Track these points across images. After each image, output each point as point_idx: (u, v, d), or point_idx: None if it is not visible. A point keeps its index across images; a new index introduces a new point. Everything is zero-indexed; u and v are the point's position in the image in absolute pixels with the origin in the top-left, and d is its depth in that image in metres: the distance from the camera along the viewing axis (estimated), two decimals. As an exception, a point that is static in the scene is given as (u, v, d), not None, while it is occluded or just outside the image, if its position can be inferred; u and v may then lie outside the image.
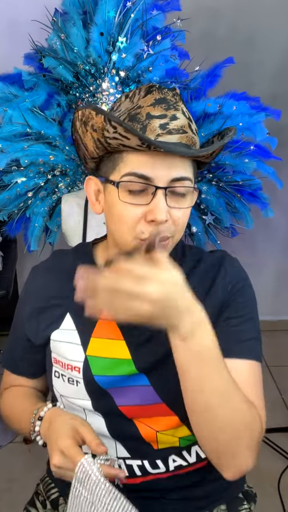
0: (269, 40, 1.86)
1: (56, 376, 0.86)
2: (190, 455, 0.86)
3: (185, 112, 0.73)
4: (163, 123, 0.70)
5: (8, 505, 1.56)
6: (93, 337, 0.83)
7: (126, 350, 0.81)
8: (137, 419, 0.83)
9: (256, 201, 1.48)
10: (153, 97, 0.72)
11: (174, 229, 0.74)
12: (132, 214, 0.72)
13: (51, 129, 1.38)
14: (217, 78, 1.39)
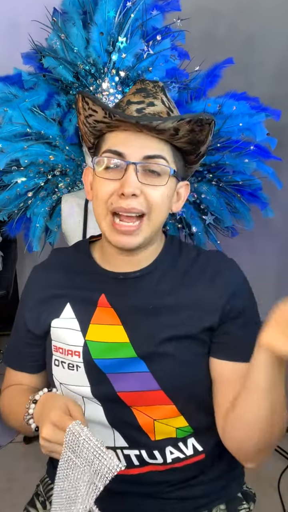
0: (269, 40, 1.86)
1: (56, 365, 0.88)
2: (186, 447, 0.87)
3: (164, 102, 0.79)
4: (139, 108, 0.77)
5: (8, 505, 1.56)
6: (92, 323, 0.85)
7: (124, 334, 0.83)
8: (135, 407, 0.84)
9: (256, 201, 1.48)
10: (135, 87, 0.80)
11: (147, 205, 0.77)
12: (106, 188, 0.77)
13: (51, 129, 1.38)
14: (217, 78, 1.39)
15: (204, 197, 1.47)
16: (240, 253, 2.30)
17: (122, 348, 0.83)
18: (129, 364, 0.82)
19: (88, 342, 0.84)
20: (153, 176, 0.77)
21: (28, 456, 1.71)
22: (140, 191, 0.76)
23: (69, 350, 0.86)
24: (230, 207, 1.49)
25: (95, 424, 0.86)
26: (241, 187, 1.45)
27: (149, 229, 0.79)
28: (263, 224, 1.73)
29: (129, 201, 0.75)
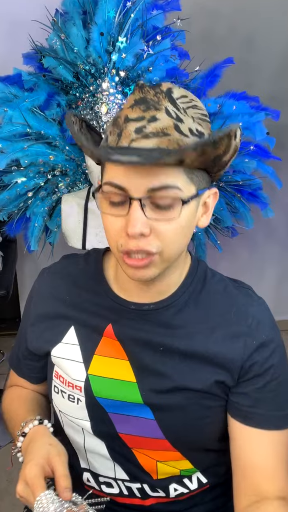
0: (269, 40, 1.86)
1: (56, 392, 0.83)
2: (191, 482, 0.83)
3: (170, 112, 0.64)
4: (139, 127, 0.63)
5: (8, 505, 1.56)
6: (96, 354, 0.79)
7: (130, 371, 0.77)
8: (137, 449, 0.79)
9: (256, 201, 1.48)
10: (134, 97, 0.66)
11: (159, 244, 0.65)
12: (113, 226, 0.67)
13: (51, 129, 1.38)
14: (217, 78, 1.39)
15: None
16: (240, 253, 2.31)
17: (127, 388, 0.76)
18: (134, 408, 0.76)
19: (90, 377, 0.78)
20: (163, 208, 0.64)
21: (28, 456, 1.71)
22: (150, 229, 0.64)
23: (70, 382, 0.80)
24: (230, 207, 1.49)
25: (94, 454, 0.82)
26: (241, 187, 1.45)
27: (162, 263, 0.69)
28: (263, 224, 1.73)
29: (137, 242, 0.64)
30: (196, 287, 0.78)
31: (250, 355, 0.74)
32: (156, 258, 0.67)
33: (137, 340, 0.76)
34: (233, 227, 1.55)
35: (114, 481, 0.83)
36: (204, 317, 0.76)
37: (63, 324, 0.81)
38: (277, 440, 0.74)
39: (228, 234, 1.56)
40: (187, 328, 0.76)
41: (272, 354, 0.75)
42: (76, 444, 0.84)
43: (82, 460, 0.85)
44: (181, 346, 0.75)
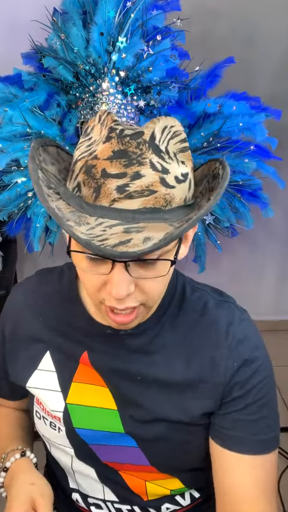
0: (269, 40, 1.86)
1: (38, 417, 0.81)
2: (184, 499, 0.81)
3: (155, 164, 0.56)
4: (121, 185, 0.55)
5: (8, 505, 1.55)
6: (74, 381, 0.76)
7: (110, 398, 0.74)
8: (124, 471, 0.77)
9: (256, 201, 1.48)
10: (111, 147, 0.56)
11: (143, 298, 0.62)
12: (93, 283, 0.61)
13: (51, 129, 1.38)
14: (217, 78, 1.38)
15: (204, 197, 1.46)
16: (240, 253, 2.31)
17: (108, 417, 0.73)
18: (116, 438, 0.74)
19: (69, 406, 0.75)
20: (148, 266, 0.59)
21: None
22: (135, 285, 0.59)
23: (49, 412, 0.77)
24: (230, 207, 1.49)
25: (83, 476, 0.80)
26: (241, 187, 1.45)
27: (146, 311, 0.66)
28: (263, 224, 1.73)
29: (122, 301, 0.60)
30: (174, 308, 0.74)
31: (231, 377, 0.70)
32: (141, 309, 0.64)
33: (114, 369, 0.73)
34: (233, 227, 1.55)
35: (103, 503, 0.80)
36: (182, 340, 0.73)
37: (39, 348, 0.78)
38: (257, 465, 0.70)
39: (228, 234, 1.56)
40: (164, 354, 0.72)
41: (254, 375, 0.71)
42: (64, 465, 0.82)
43: (71, 480, 0.83)
44: (160, 375, 0.72)
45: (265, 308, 2.53)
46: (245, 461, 0.69)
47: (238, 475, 0.69)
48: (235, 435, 0.70)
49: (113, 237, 0.52)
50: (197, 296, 0.76)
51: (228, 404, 0.71)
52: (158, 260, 0.59)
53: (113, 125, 0.57)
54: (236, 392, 0.70)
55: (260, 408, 0.71)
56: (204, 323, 0.73)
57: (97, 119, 0.61)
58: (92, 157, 0.57)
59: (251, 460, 0.70)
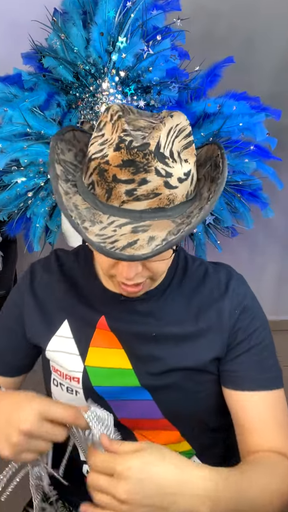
0: (269, 40, 1.86)
1: (55, 384, 0.84)
2: None
3: (160, 171, 0.64)
4: (129, 189, 0.63)
5: (9, 506, 1.55)
6: (92, 346, 0.81)
7: (126, 359, 0.80)
8: (138, 431, 0.82)
9: (256, 201, 1.48)
10: (121, 157, 0.63)
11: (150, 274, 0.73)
12: (105, 262, 0.71)
13: (51, 129, 1.38)
14: (217, 78, 1.38)
15: (204, 197, 1.46)
16: (240, 253, 2.31)
17: (124, 375, 0.79)
18: (132, 392, 0.80)
19: (88, 368, 0.80)
20: None
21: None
22: (142, 265, 0.70)
23: (67, 375, 0.82)
24: (230, 207, 1.49)
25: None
26: (241, 187, 1.45)
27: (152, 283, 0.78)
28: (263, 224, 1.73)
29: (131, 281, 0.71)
30: (179, 276, 0.85)
31: (234, 323, 0.80)
32: (147, 281, 0.75)
33: (130, 331, 0.81)
34: (233, 227, 1.55)
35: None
36: (189, 302, 0.82)
37: (58, 317, 0.84)
38: (269, 400, 0.78)
39: (228, 234, 1.56)
40: (175, 315, 0.81)
41: (253, 320, 0.81)
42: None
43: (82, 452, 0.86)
44: (173, 331, 0.80)
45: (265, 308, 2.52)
46: (258, 397, 0.77)
47: (255, 411, 0.77)
48: (244, 375, 0.79)
49: (122, 238, 0.61)
50: (197, 264, 0.87)
51: (234, 349, 0.80)
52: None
53: (122, 136, 0.64)
54: (240, 337, 0.80)
55: (262, 350, 0.80)
56: (207, 283, 0.84)
57: (109, 117, 0.68)
58: (104, 161, 0.65)
59: (264, 396, 0.78)
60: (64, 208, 0.63)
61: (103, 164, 0.65)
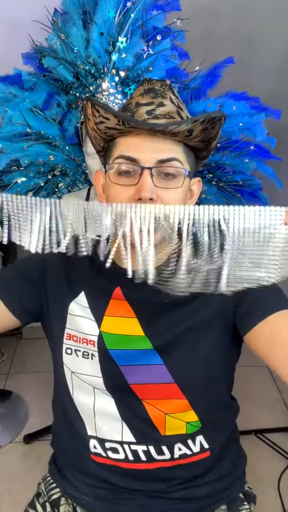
0: (269, 40, 1.86)
1: (68, 353, 0.87)
2: (194, 444, 0.88)
3: (173, 101, 0.77)
4: (149, 109, 0.75)
5: (9, 506, 1.56)
6: (106, 315, 0.85)
7: (139, 327, 0.83)
8: (147, 400, 0.84)
9: (256, 201, 1.48)
10: (143, 88, 0.78)
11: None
12: (122, 195, 0.75)
13: (51, 129, 1.38)
14: (217, 78, 1.39)
15: (204, 197, 1.46)
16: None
17: (137, 341, 0.83)
18: (144, 356, 0.83)
19: (103, 333, 0.85)
20: (168, 179, 0.75)
21: (28, 456, 1.71)
22: (156, 195, 0.74)
23: (84, 339, 0.86)
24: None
25: (103, 416, 0.86)
26: (241, 187, 1.45)
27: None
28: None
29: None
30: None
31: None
32: None
33: (144, 299, 0.83)
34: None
35: (120, 446, 0.87)
36: None
37: (75, 286, 0.88)
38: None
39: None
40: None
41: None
42: (85, 408, 0.89)
43: (89, 427, 0.90)
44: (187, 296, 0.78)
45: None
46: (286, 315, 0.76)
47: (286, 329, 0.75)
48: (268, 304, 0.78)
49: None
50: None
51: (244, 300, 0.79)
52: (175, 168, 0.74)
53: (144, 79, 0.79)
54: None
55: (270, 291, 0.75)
56: None
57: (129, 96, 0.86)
58: (129, 99, 0.79)
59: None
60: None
61: (127, 102, 0.79)
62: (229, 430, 0.95)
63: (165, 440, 0.86)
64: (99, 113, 0.74)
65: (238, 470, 0.96)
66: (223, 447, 0.91)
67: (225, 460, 0.92)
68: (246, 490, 0.97)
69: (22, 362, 2.42)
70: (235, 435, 1.00)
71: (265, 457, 1.74)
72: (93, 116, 0.76)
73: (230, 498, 0.93)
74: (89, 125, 0.79)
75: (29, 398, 2.11)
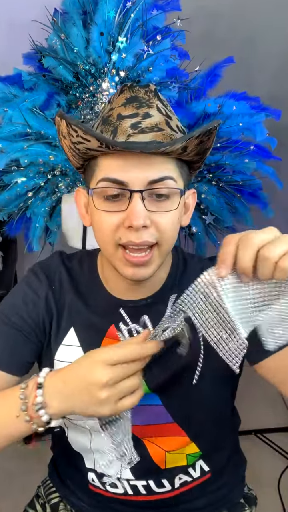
0: (269, 40, 1.86)
1: None
2: (195, 470, 0.86)
3: (160, 109, 0.67)
4: (134, 122, 0.65)
5: (8, 506, 1.56)
6: None
7: None
8: (147, 438, 0.80)
9: (256, 201, 1.48)
10: (124, 96, 0.68)
11: (158, 235, 0.68)
12: (109, 222, 0.67)
13: (51, 129, 1.38)
14: (217, 78, 1.38)
15: (204, 197, 1.46)
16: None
17: None
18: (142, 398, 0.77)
19: None
20: (161, 200, 0.67)
21: (28, 457, 1.71)
22: (150, 220, 0.66)
23: None
24: (230, 207, 1.49)
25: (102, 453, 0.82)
26: (241, 187, 1.45)
27: (160, 257, 0.71)
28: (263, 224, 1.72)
29: (139, 234, 0.65)
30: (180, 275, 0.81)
31: None
32: (155, 253, 0.69)
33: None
34: (233, 227, 1.55)
35: (118, 481, 0.84)
36: None
37: (64, 324, 0.80)
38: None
39: (228, 234, 1.56)
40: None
41: None
42: (82, 447, 0.84)
43: (87, 460, 0.86)
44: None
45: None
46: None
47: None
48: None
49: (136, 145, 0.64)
50: (196, 259, 0.85)
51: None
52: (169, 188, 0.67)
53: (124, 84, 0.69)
54: None
55: None
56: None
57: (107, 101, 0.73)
58: (108, 110, 0.68)
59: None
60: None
61: (106, 113, 0.68)
62: (230, 447, 0.91)
63: (166, 473, 0.83)
64: (76, 133, 0.64)
65: (238, 477, 0.95)
66: (223, 463, 0.89)
67: (225, 472, 0.90)
68: (246, 493, 0.97)
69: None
70: (236, 446, 0.97)
71: (265, 457, 1.74)
72: (69, 135, 0.67)
73: (231, 504, 0.92)
74: (64, 143, 0.70)
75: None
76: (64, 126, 0.66)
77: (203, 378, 0.75)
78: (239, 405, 0.98)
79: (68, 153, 0.72)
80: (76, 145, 0.67)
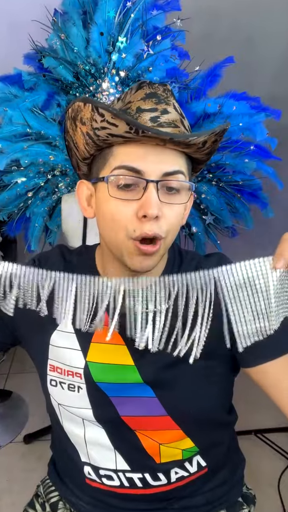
0: (269, 40, 1.86)
1: (53, 385, 0.83)
2: (191, 465, 0.85)
3: (176, 108, 0.70)
4: (153, 116, 0.67)
5: (8, 506, 1.56)
6: (93, 342, 0.80)
7: (128, 355, 0.78)
8: (140, 430, 0.81)
9: (256, 201, 1.48)
10: (144, 91, 0.70)
11: (166, 228, 0.69)
12: (123, 211, 0.67)
13: (51, 129, 1.38)
14: (217, 78, 1.38)
15: (204, 197, 1.46)
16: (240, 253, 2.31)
17: (126, 371, 0.78)
18: (134, 389, 0.78)
19: (89, 364, 0.79)
20: (172, 193, 0.69)
21: (28, 456, 1.71)
22: (162, 212, 0.68)
23: (69, 371, 0.81)
24: (230, 207, 1.49)
25: (95, 446, 0.83)
26: (241, 187, 1.45)
27: (164, 249, 0.72)
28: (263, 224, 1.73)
29: (150, 226, 0.67)
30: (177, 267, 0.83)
31: None
32: (161, 245, 0.70)
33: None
34: (233, 227, 1.55)
35: (114, 473, 0.84)
36: None
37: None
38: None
39: (228, 234, 1.56)
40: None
41: None
42: (76, 438, 0.85)
43: (82, 453, 0.86)
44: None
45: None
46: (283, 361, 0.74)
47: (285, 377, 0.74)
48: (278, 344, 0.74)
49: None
50: (190, 255, 0.86)
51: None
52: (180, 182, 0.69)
53: (141, 81, 0.71)
54: None
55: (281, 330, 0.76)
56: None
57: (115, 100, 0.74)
58: (126, 103, 0.69)
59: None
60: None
61: (125, 106, 0.69)
62: (227, 442, 0.92)
63: (161, 467, 0.83)
64: (102, 118, 0.65)
65: (237, 475, 0.95)
66: (221, 459, 0.90)
67: (223, 469, 0.91)
68: (245, 492, 0.97)
69: (22, 362, 2.42)
70: (234, 443, 0.97)
71: (265, 457, 1.74)
72: (91, 120, 0.67)
73: (230, 502, 0.92)
74: (81, 129, 0.70)
75: (29, 398, 2.11)
76: (88, 110, 0.67)
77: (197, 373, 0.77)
78: (239, 405, 0.98)
79: (80, 141, 0.72)
80: (96, 131, 0.67)
